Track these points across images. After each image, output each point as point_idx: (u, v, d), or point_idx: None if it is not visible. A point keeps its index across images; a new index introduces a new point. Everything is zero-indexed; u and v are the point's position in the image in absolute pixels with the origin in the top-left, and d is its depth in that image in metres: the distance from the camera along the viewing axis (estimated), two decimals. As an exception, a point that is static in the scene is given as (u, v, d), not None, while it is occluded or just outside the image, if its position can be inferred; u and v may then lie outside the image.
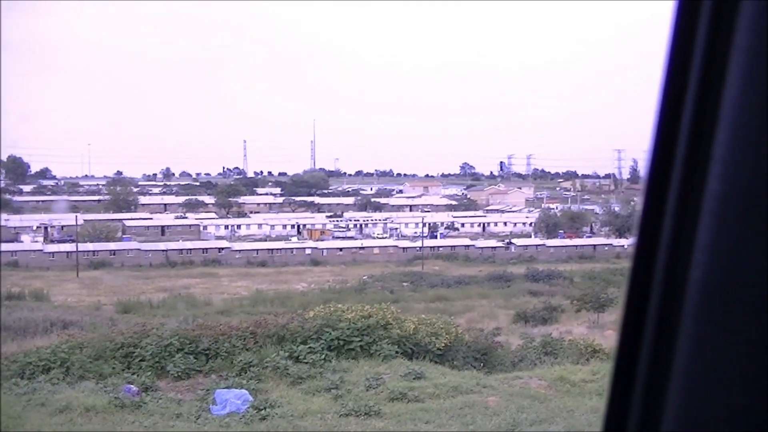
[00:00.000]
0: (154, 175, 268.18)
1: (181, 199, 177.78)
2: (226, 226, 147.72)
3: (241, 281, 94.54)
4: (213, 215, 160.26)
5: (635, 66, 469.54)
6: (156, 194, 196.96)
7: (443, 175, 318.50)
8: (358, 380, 17.19)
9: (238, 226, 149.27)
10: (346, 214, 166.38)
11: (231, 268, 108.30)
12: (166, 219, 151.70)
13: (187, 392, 17.11)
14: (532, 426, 13.52)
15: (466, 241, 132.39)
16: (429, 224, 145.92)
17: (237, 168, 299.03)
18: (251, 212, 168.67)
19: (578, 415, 14.39)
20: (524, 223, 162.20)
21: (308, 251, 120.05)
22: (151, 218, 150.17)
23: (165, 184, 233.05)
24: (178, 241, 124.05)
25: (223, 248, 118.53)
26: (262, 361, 18.24)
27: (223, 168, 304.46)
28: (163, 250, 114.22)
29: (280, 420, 13.82)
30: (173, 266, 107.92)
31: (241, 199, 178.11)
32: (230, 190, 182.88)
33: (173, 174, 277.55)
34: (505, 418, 13.93)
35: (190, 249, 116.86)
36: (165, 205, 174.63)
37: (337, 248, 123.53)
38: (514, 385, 17.14)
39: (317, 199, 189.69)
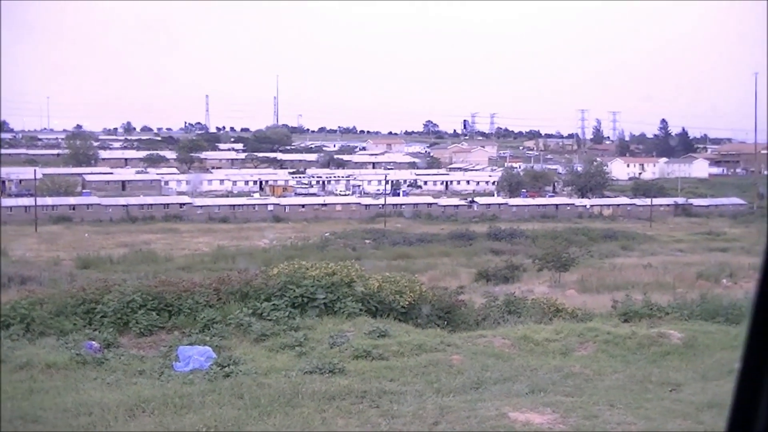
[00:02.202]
0: (115, 129, 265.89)
1: (142, 154, 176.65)
2: (188, 182, 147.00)
3: (203, 237, 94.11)
4: (174, 170, 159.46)
5: (600, 26, 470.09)
6: (117, 149, 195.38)
7: (406, 133, 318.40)
8: (323, 337, 17.16)
9: (200, 182, 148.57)
10: (309, 171, 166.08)
11: (192, 223, 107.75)
12: (127, 174, 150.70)
13: (150, 349, 17.01)
14: (496, 384, 13.58)
15: (429, 199, 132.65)
16: (392, 182, 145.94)
17: (199, 123, 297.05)
18: (213, 168, 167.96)
19: (542, 373, 14.49)
20: (487, 182, 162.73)
21: (270, 207, 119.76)
22: (111, 173, 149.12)
23: (126, 138, 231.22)
24: (139, 196, 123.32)
25: (184, 204, 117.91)
26: (226, 318, 18.14)
27: (185, 123, 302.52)
28: (123, 205, 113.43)
29: (244, 377, 13.78)
30: (134, 221, 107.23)
31: (203, 155, 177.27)
32: (192, 146, 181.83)
33: (134, 128, 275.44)
34: (469, 377, 13.98)
35: (151, 204, 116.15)
36: (126, 159, 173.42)
37: (300, 205, 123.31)
38: (478, 343, 17.18)
39: (280, 156, 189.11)
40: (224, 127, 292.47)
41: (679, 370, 15.35)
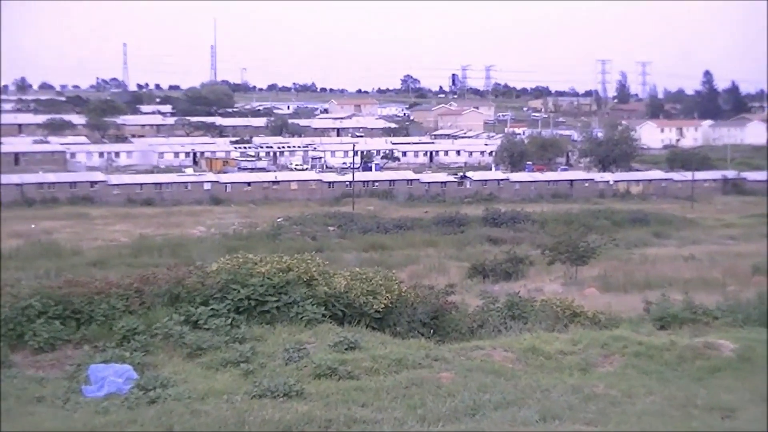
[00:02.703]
0: (6, 86, 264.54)
1: (41, 119, 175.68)
2: (101, 154, 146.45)
3: (121, 224, 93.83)
4: (83, 139, 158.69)
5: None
6: (8, 111, 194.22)
7: (380, 91, 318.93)
8: (275, 351, 17.07)
9: (117, 154, 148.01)
10: (256, 140, 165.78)
11: (107, 207, 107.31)
12: (21, 144, 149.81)
13: (52, 368, 16.83)
14: (497, 409, 13.51)
15: (409, 175, 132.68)
16: (361, 153, 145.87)
17: (115, 79, 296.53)
18: (133, 136, 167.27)
19: (555, 396, 14.42)
20: (482, 152, 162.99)
21: (207, 186, 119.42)
22: (0, 143, 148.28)
23: (19, 98, 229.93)
24: (38, 172, 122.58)
25: (96, 182, 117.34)
26: (150, 328, 17.98)
27: (97, 79, 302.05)
28: (17, 184, 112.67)
29: (175, 403, 13.63)
30: (31, 205, 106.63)
31: (121, 119, 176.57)
32: (106, 108, 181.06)
33: (30, 86, 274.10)
34: (462, 399, 13.90)
35: (54, 183, 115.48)
36: (19, 125, 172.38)
37: (245, 183, 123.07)
38: (473, 357, 17.14)
39: (219, 120, 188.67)
40: (147, 85, 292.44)
41: (732, 390, 15.32)
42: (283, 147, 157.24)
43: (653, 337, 18.99)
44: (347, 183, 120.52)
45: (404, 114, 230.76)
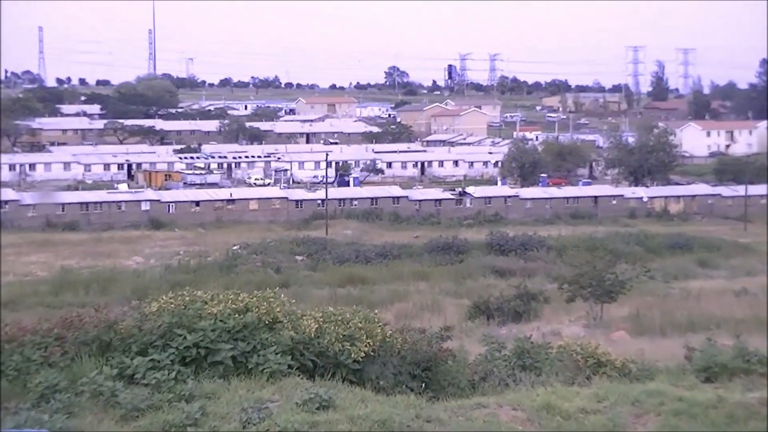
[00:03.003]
0: None
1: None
2: (12, 167, 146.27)
3: (37, 254, 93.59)
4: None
5: None
6: None
7: (359, 87, 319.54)
8: (230, 412, 17.08)
9: (32, 166, 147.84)
10: (206, 147, 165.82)
11: (20, 233, 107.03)
12: None
13: (-48, 435, 16.83)
14: (505, 483, 13.58)
15: (396, 191, 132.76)
16: (336, 164, 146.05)
17: (29, 72, 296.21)
18: (53, 143, 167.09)
19: (576, 464, 14.50)
20: (486, 163, 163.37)
21: (145, 206, 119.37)
22: None
23: None
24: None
25: (6, 201, 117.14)
26: (75, 384, 17.94)
27: (6, 72, 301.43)
28: None
29: (105, 477, 13.66)
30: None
31: (37, 123, 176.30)
32: (17, 108, 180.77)
33: None
34: (461, 471, 13.98)
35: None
36: None
37: (192, 201, 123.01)
38: (475, 417, 17.18)
39: (160, 123, 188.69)
40: (69, 79, 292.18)
41: (794, 458, 15.40)
42: (240, 157, 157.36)
43: (697, 392, 19.01)
44: (319, 201, 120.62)
45: (389, 115, 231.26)
